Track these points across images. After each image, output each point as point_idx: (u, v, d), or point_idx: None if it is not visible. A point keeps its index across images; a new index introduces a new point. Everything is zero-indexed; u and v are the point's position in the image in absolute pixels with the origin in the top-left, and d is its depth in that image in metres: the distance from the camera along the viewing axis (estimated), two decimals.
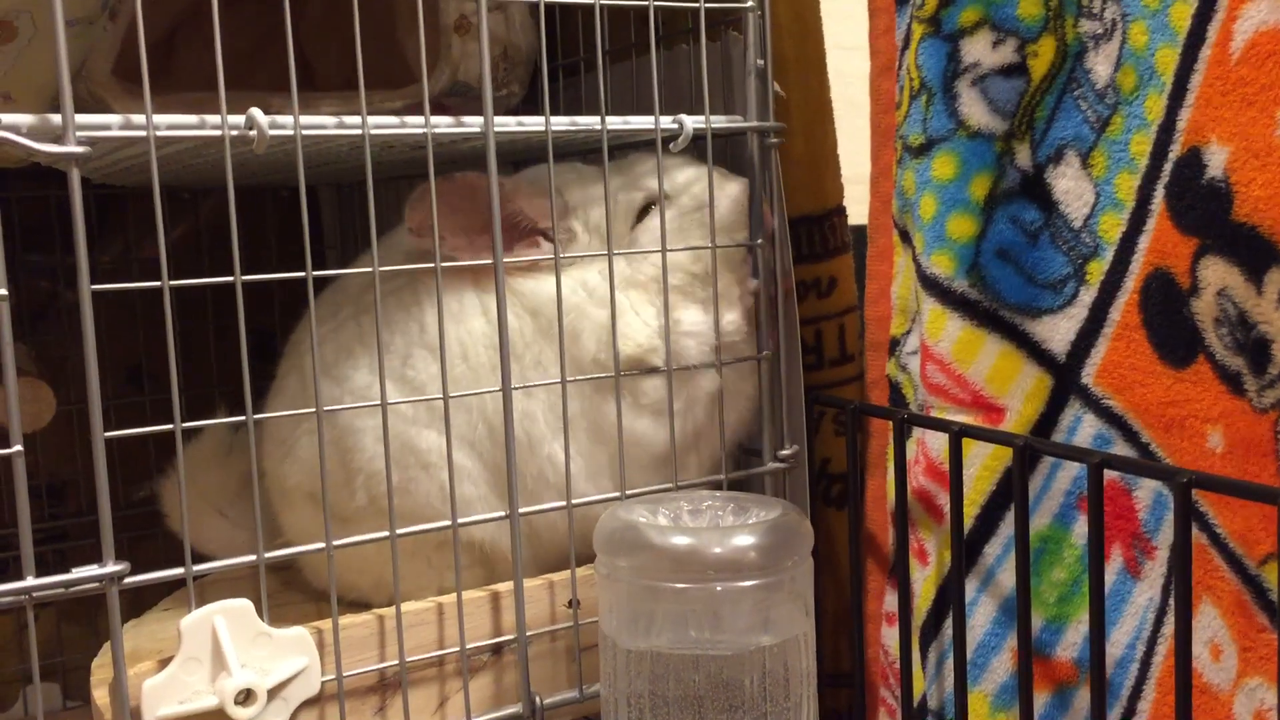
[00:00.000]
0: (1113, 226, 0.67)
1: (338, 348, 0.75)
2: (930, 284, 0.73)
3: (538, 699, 0.70)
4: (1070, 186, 0.69)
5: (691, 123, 0.73)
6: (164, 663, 0.61)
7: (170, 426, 0.59)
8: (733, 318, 0.77)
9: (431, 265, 0.66)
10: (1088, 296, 0.69)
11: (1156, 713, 0.66)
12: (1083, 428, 0.69)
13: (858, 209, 0.89)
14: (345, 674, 0.65)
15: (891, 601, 0.79)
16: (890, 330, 0.80)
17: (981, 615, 0.72)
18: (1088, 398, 0.69)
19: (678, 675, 0.61)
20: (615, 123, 0.72)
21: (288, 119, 0.61)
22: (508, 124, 0.69)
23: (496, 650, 0.71)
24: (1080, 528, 0.69)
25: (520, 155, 0.84)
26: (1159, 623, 0.66)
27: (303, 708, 0.64)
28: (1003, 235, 0.71)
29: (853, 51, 0.94)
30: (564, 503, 0.71)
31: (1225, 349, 0.61)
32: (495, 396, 0.70)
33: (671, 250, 0.74)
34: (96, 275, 0.56)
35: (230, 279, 0.60)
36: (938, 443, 0.73)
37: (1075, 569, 0.70)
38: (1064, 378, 0.70)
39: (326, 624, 0.65)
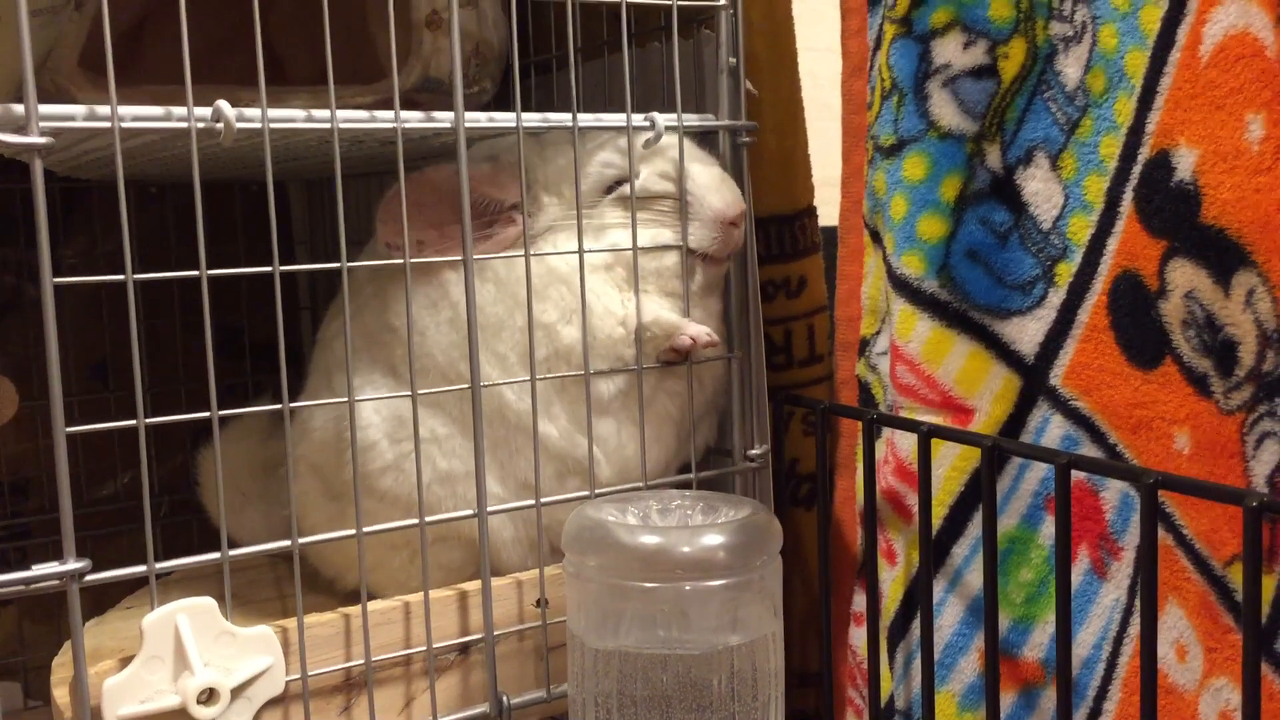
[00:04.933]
0: (1082, 228, 0.68)
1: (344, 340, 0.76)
2: (900, 284, 0.73)
3: (505, 699, 0.70)
4: (1040, 188, 0.70)
5: (663, 120, 0.73)
6: (125, 661, 0.60)
7: (133, 422, 0.59)
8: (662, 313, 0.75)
9: (401, 262, 0.66)
10: (1056, 298, 0.69)
11: (1122, 713, 0.66)
12: (1050, 429, 0.70)
13: (828, 211, 0.89)
14: (310, 673, 0.64)
15: (860, 602, 0.79)
16: (860, 330, 0.80)
17: (949, 615, 0.73)
18: (1056, 399, 0.69)
19: (646, 675, 0.61)
20: (587, 119, 0.71)
21: (255, 112, 0.60)
22: (479, 119, 0.69)
23: (464, 650, 0.70)
24: (1048, 528, 0.70)
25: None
26: (1125, 623, 0.67)
27: (267, 707, 0.63)
28: (972, 236, 0.71)
29: (823, 54, 0.94)
30: (534, 501, 0.71)
31: (1193, 350, 0.61)
32: (481, 367, 0.70)
33: (643, 250, 0.74)
34: (61, 270, 0.56)
35: (196, 273, 0.59)
36: (907, 443, 0.73)
37: (1042, 569, 0.70)
38: (1032, 379, 0.70)
39: (291, 623, 0.64)
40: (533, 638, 0.72)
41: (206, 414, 0.61)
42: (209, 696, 0.60)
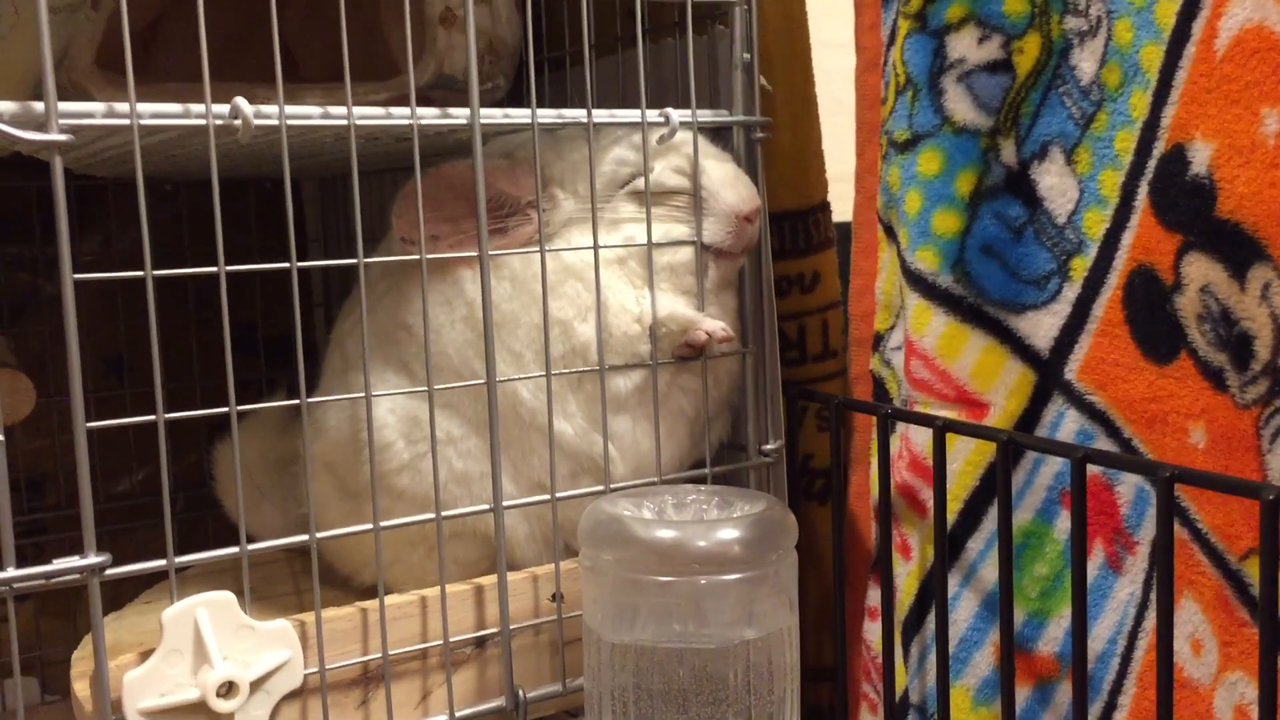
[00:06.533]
0: (1097, 223, 0.68)
1: (358, 337, 0.76)
2: (915, 279, 0.73)
3: (521, 692, 0.70)
4: (1054, 183, 0.70)
5: (678, 116, 0.73)
6: (145, 655, 0.60)
7: (152, 417, 0.59)
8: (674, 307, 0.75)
9: (417, 257, 0.66)
10: (1071, 293, 0.69)
11: (1137, 707, 0.66)
12: (1065, 423, 0.70)
13: (841, 206, 0.89)
14: (328, 667, 0.64)
15: (874, 596, 0.79)
16: (874, 325, 0.80)
17: (964, 610, 0.73)
18: (1071, 393, 0.69)
19: (662, 669, 0.61)
20: (602, 115, 0.71)
21: (273, 108, 0.61)
22: (494, 115, 0.69)
23: (480, 643, 0.71)
24: (1062, 523, 0.70)
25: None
26: (1140, 617, 0.67)
27: (285, 700, 0.63)
28: (987, 231, 0.71)
29: (837, 49, 0.94)
30: (550, 496, 0.71)
31: (1208, 345, 0.61)
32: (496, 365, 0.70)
33: (658, 245, 0.74)
34: (78, 267, 0.56)
35: (213, 269, 0.60)
36: (921, 438, 0.73)
37: (1057, 564, 0.70)
38: (1047, 373, 0.70)
39: (309, 617, 0.64)
40: (548, 632, 0.72)
41: (224, 409, 0.61)
42: (228, 689, 0.60)
